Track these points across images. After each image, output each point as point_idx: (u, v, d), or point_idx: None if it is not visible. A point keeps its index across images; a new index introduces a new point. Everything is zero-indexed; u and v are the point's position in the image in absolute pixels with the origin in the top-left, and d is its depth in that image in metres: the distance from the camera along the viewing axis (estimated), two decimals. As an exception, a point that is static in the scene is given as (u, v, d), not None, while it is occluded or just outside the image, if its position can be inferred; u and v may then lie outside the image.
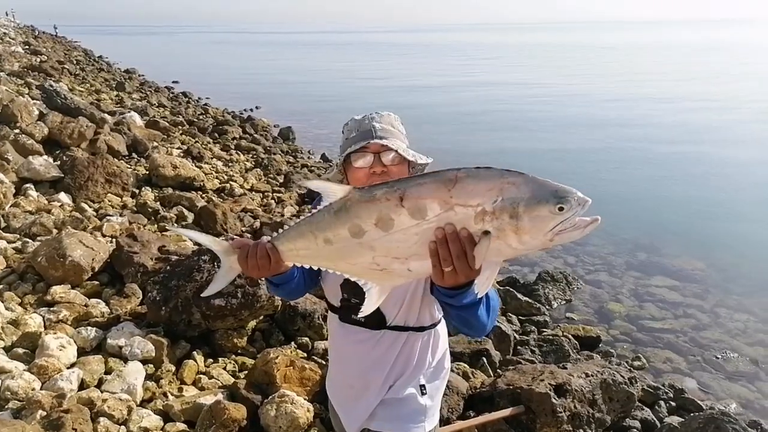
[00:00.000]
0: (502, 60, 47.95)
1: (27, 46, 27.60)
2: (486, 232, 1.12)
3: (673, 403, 4.42)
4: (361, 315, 1.39)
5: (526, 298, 6.05)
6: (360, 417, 1.87)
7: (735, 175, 11.54)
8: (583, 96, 23.63)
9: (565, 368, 3.77)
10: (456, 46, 78.29)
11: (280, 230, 1.42)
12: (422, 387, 1.83)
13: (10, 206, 5.44)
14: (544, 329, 5.59)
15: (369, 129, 1.67)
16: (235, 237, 4.37)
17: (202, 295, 1.65)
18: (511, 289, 6.20)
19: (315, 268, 1.40)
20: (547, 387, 3.45)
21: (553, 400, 3.37)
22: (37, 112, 7.86)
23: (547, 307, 6.11)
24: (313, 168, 11.22)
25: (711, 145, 14.19)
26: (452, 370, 3.88)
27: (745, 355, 5.34)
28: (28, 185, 6.05)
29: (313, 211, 1.33)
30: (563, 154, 13.49)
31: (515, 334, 5.17)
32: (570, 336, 5.31)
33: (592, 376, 3.68)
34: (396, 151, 1.64)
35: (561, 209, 1.09)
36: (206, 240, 1.56)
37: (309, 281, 1.78)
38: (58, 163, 6.66)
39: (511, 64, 43.80)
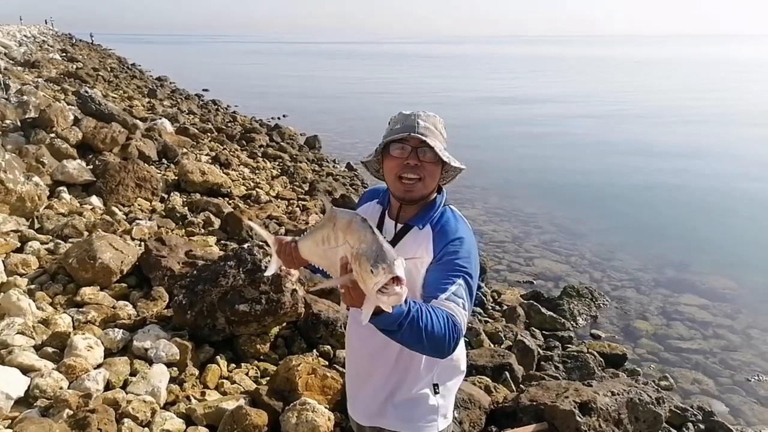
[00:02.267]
0: (543, 74, 47.27)
1: (64, 54, 28.48)
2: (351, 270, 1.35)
3: (702, 426, 4.29)
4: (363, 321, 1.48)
5: (551, 313, 5.97)
6: (368, 408, 1.89)
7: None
8: (618, 113, 23.37)
9: (591, 386, 3.69)
10: (486, 59, 78.11)
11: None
12: (435, 386, 1.85)
13: (44, 208, 5.58)
14: (569, 345, 5.51)
15: (413, 124, 1.73)
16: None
17: (266, 273, 2.02)
18: (535, 303, 6.12)
19: (319, 267, 1.68)
20: (571, 404, 3.38)
21: (578, 418, 3.31)
22: (72, 117, 8.08)
23: (571, 322, 6.01)
24: (338, 177, 11.29)
25: (745, 164, 13.87)
26: (474, 384, 3.83)
27: (778, 379, 5.17)
28: (61, 188, 6.21)
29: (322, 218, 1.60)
30: (590, 168, 13.34)
31: (539, 349, 5.09)
32: (595, 353, 5.21)
33: (619, 394, 3.59)
34: (433, 149, 1.69)
35: (372, 272, 1.25)
36: (263, 233, 1.91)
37: None
38: (91, 167, 6.82)
39: (549, 78, 43.37)
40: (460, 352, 1.95)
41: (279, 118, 19.38)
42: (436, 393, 1.85)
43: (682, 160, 14.06)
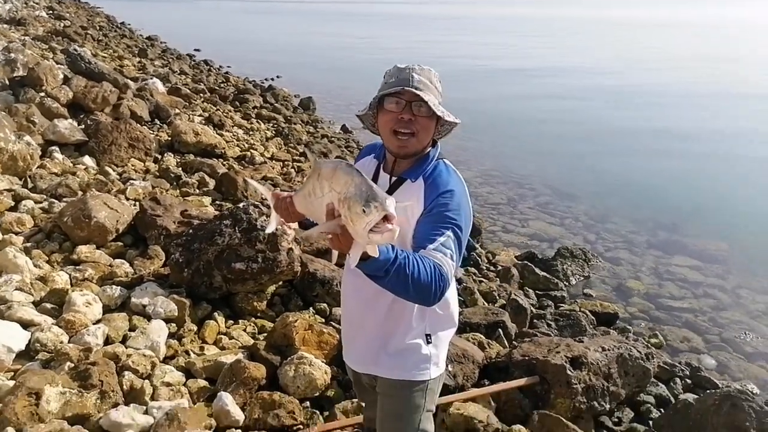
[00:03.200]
0: (543, 38, 46.11)
1: (51, 11, 27.68)
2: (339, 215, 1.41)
3: (689, 381, 4.41)
4: (352, 266, 1.52)
5: (544, 273, 6.04)
6: (361, 356, 1.95)
7: (763, 155, 11.26)
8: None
9: (582, 342, 3.77)
10: (483, 20, 76.41)
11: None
12: (428, 336, 1.90)
13: (37, 168, 5.53)
14: (561, 304, 5.59)
15: (407, 77, 1.73)
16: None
17: (266, 231, 2.20)
18: (529, 264, 6.18)
19: (311, 219, 1.74)
20: (562, 359, 3.46)
21: (569, 372, 3.39)
22: (61, 76, 7.91)
23: (564, 282, 6.09)
24: (333, 138, 11.21)
25: (739, 125, 13.85)
26: (468, 340, 3.91)
27: (764, 336, 5.28)
28: (53, 148, 6.14)
29: None
30: (589, 130, 13.28)
31: (532, 308, 5.17)
32: (587, 311, 5.29)
33: (609, 350, 3.68)
34: (427, 104, 1.68)
35: (364, 212, 1.30)
36: (262, 189, 1.91)
37: None
38: (83, 126, 6.73)
39: (549, 41, 42.43)
40: (453, 305, 1.99)
41: (272, 79, 19.05)
42: (428, 343, 1.90)
43: (678, 126, 13.99)
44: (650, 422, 3.67)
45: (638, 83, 20.57)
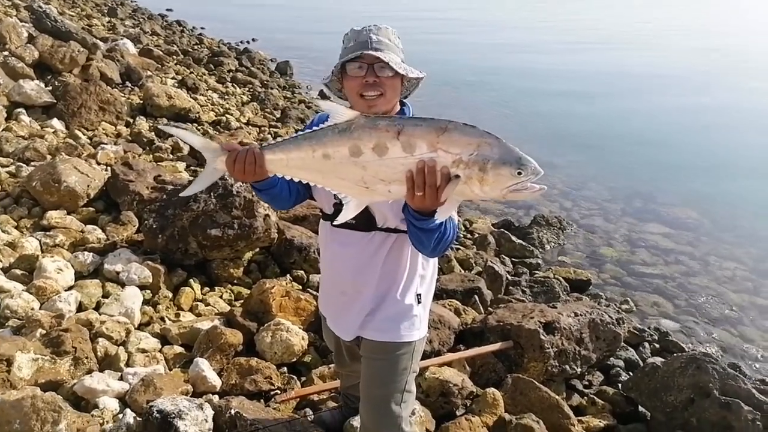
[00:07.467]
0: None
1: (13, -34, 26.34)
2: (457, 176, 1.39)
3: (657, 345, 4.55)
4: (336, 222, 1.61)
5: (520, 241, 6.11)
6: (354, 323, 1.95)
7: (737, 127, 11.44)
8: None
9: (555, 307, 3.84)
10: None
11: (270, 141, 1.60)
12: (419, 296, 1.94)
13: (2, 130, 5.34)
14: (536, 271, 5.67)
15: (365, 40, 1.71)
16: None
17: (181, 194, 1.82)
18: (505, 232, 6.24)
19: (296, 179, 1.59)
20: (536, 324, 3.52)
21: (542, 337, 3.46)
22: (26, 35, 7.57)
23: (540, 250, 6.17)
24: (310, 104, 11.02)
25: (713, 97, 13.99)
26: (444, 307, 3.95)
27: (730, 302, 5.46)
28: (19, 110, 5.91)
29: (314, 129, 1.51)
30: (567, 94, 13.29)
31: (507, 275, 5.23)
32: (561, 278, 5.39)
33: (581, 315, 3.75)
34: (388, 64, 1.67)
35: (519, 173, 1.38)
36: (195, 140, 1.72)
37: (298, 193, 1.87)
38: (50, 88, 6.48)
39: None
40: (436, 266, 2.04)
41: (248, 42, 18.58)
42: (419, 303, 1.94)
43: (653, 93, 14.09)
44: (619, 385, 3.78)
45: (611, 44, 20.58)
